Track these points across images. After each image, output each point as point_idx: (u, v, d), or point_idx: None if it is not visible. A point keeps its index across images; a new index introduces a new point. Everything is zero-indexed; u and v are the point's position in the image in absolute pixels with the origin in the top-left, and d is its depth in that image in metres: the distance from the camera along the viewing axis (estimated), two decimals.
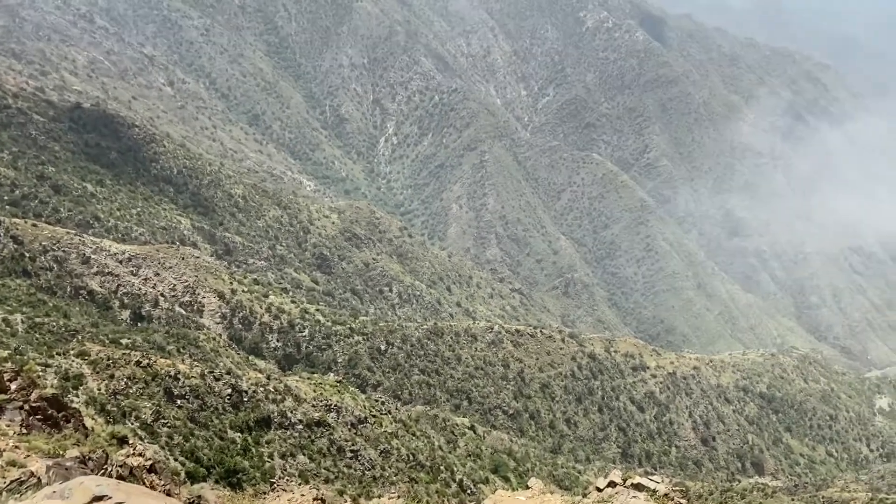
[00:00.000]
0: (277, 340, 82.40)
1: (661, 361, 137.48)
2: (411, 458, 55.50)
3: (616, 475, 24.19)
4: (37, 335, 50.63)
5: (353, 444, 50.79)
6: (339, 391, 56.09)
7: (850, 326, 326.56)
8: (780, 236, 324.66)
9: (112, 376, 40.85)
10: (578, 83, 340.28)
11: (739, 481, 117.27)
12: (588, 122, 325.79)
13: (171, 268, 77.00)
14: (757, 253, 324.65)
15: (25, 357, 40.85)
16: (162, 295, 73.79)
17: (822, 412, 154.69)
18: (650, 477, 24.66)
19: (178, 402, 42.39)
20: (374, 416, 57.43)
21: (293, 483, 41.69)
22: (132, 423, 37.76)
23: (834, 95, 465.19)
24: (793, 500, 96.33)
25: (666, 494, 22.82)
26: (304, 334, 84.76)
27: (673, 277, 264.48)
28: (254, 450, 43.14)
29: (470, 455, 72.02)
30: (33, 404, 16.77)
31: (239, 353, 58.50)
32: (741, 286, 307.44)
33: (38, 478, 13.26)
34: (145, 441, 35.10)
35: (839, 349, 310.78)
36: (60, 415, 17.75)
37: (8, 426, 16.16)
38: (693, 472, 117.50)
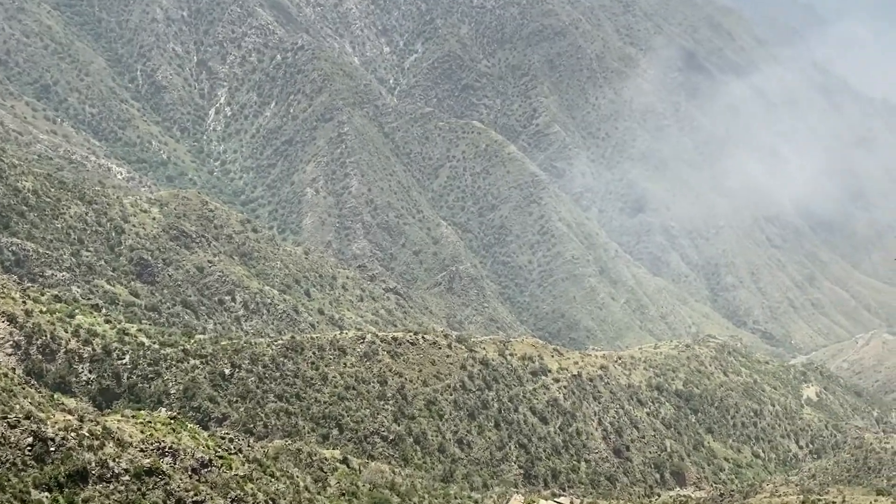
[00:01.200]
0: (90, 371, 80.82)
1: (564, 362, 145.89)
2: None
3: (518, 501, 26.95)
4: None
5: (195, 495, 50.45)
6: (174, 430, 55.37)
7: (770, 308, 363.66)
8: (689, 209, 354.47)
9: None
10: (451, 37, 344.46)
11: (659, 495, 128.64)
12: (465, 84, 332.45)
13: None
14: (664, 230, 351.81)
15: None
16: None
17: (745, 408, 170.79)
18: (557, 500, 27.88)
19: None
20: (220, 457, 56.87)
21: None
22: None
23: (739, 44, 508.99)
24: None
25: None
26: (124, 362, 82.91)
27: (572, 263, 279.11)
28: None
29: (344, 494, 73.32)
30: None
31: (40, 392, 56.15)
32: (649, 269, 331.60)
33: None
34: None
35: (760, 335, 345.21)
36: None
37: None
38: (606, 490, 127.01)
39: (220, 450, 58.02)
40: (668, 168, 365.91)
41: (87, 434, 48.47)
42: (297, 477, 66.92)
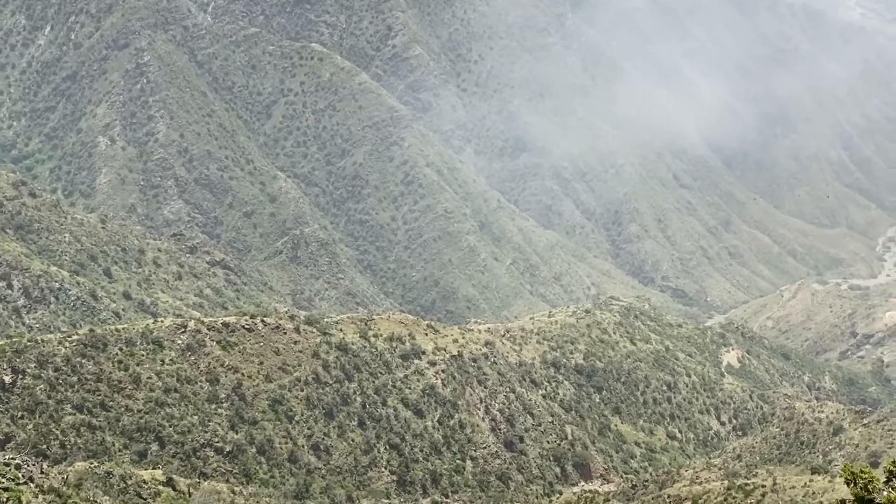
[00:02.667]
0: None
1: (441, 341, 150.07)
2: None
3: None
4: None
5: None
6: None
7: (681, 260, 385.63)
8: (582, 146, 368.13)
9: None
10: None
11: (560, 493, 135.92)
12: None
13: None
14: (554, 172, 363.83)
15: None
16: None
17: (657, 381, 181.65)
18: None
19: None
20: (4, 488, 56.74)
21: None
22: None
23: None
24: None
25: None
26: None
27: (446, 219, 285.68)
28: None
29: None
30: None
31: None
32: (538, 221, 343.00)
33: None
34: None
35: (671, 292, 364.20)
36: None
37: None
38: (498, 491, 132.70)
39: (3, 480, 57.44)
40: (555, 96, 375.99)
41: None
42: None
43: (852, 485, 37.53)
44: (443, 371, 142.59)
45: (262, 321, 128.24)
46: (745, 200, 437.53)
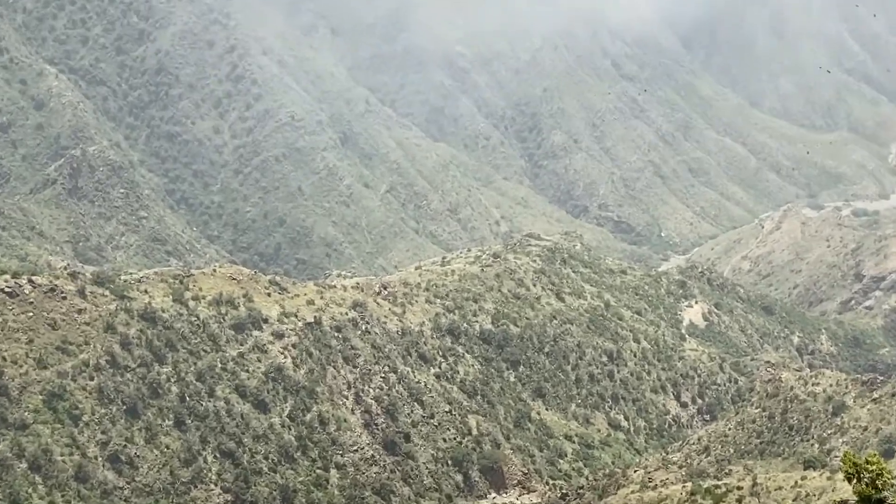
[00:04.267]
0: None
1: (291, 303, 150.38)
2: None
3: None
4: None
5: None
6: None
7: (624, 182, 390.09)
8: (486, 23, 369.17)
9: None
10: None
11: None
12: None
13: None
14: (448, 61, 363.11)
15: None
16: None
17: (594, 351, 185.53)
18: None
19: None
20: None
21: None
22: None
23: None
24: None
25: None
26: None
27: (293, 129, 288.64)
28: None
29: None
30: None
31: None
32: (425, 131, 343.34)
33: None
34: None
35: (611, 226, 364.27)
36: None
37: None
38: None
39: None
40: None
41: None
42: None
43: (855, 480, 37.62)
44: (294, 346, 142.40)
45: (30, 282, 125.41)
46: (712, 96, 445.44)
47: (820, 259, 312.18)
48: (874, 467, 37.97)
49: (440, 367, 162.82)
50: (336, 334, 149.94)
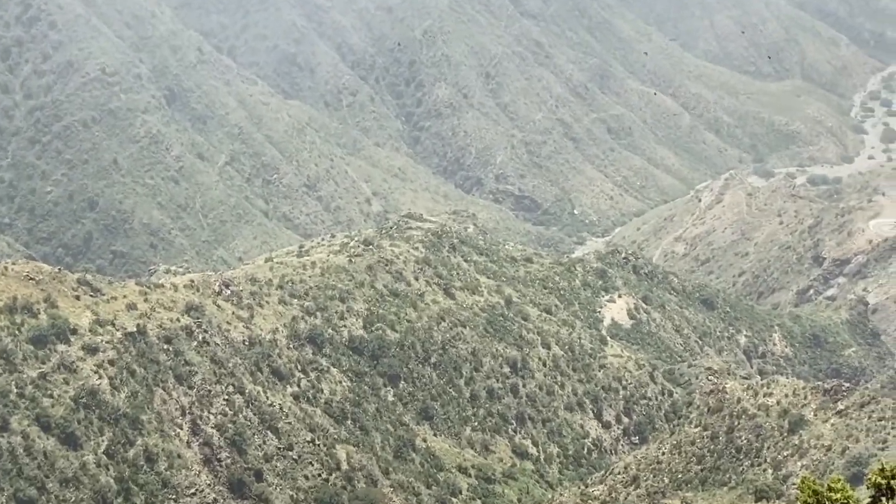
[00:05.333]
0: None
1: (107, 308, 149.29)
2: None
3: None
4: None
5: None
6: None
7: (527, 147, 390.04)
8: None
9: None
10: None
11: None
12: None
13: None
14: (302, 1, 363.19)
15: None
16: None
17: (493, 360, 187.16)
18: None
19: None
20: None
21: None
22: None
23: None
24: None
25: None
26: None
27: (104, 85, 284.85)
28: None
29: None
30: None
31: None
32: (274, 85, 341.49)
33: None
34: None
35: (512, 202, 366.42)
36: None
37: None
38: None
39: None
40: None
41: None
42: None
43: None
44: (111, 363, 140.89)
45: None
46: (634, 37, 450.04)
47: (770, 239, 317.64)
48: (839, 495, 38.16)
49: (299, 386, 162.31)
50: (165, 347, 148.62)
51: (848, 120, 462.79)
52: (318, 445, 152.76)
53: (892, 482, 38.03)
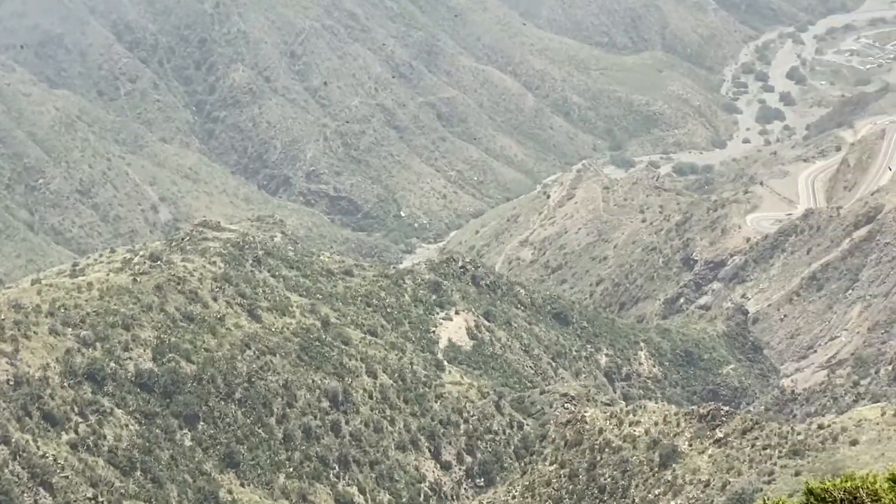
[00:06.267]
0: None
1: None
2: None
3: None
4: None
5: None
6: None
7: (341, 138, 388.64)
8: None
9: None
10: None
11: None
12: None
13: None
14: None
15: None
16: None
17: (308, 393, 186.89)
18: None
19: None
20: None
21: None
22: None
23: None
24: None
25: None
26: None
27: None
28: None
29: None
30: None
31: None
32: (35, 73, 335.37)
33: None
34: None
35: (327, 204, 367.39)
36: None
37: None
38: None
39: None
40: None
41: None
42: None
43: None
44: None
45: None
46: (466, 5, 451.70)
47: (632, 240, 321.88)
48: None
49: (77, 432, 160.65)
50: None
51: (718, 98, 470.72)
52: (102, 503, 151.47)
53: None
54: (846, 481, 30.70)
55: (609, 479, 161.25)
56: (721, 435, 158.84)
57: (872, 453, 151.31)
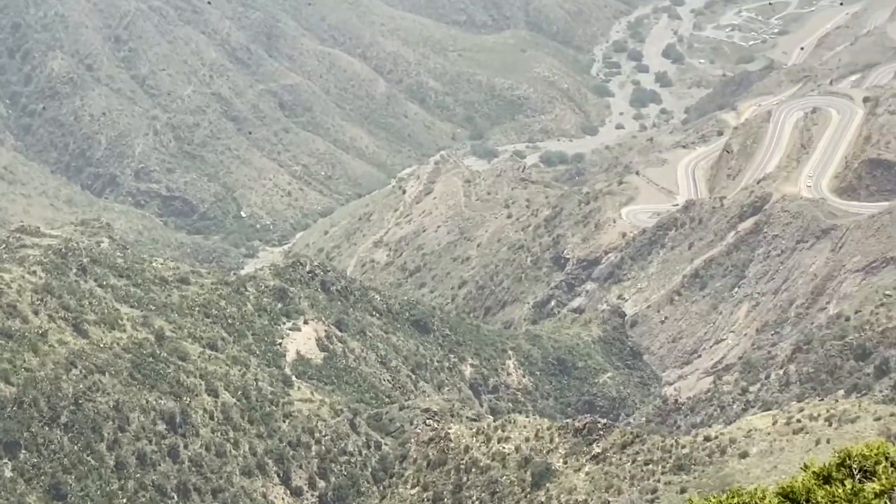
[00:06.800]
0: None
1: None
2: None
3: None
4: None
5: None
6: None
7: (173, 131, 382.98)
8: None
9: None
10: None
11: None
12: None
13: None
14: None
15: None
16: None
17: (142, 415, 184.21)
18: None
19: None
20: None
21: None
22: None
23: None
24: None
25: None
26: None
27: None
28: None
29: None
30: None
31: None
32: None
33: None
34: None
35: (159, 205, 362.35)
36: None
37: None
38: None
39: None
40: None
41: None
42: None
43: None
44: None
45: None
46: None
47: (497, 238, 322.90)
48: None
49: None
50: None
51: (588, 80, 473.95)
52: None
53: None
54: (733, 497, 31.26)
55: (477, 502, 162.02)
56: (598, 450, 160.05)
57: (764, 466, 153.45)
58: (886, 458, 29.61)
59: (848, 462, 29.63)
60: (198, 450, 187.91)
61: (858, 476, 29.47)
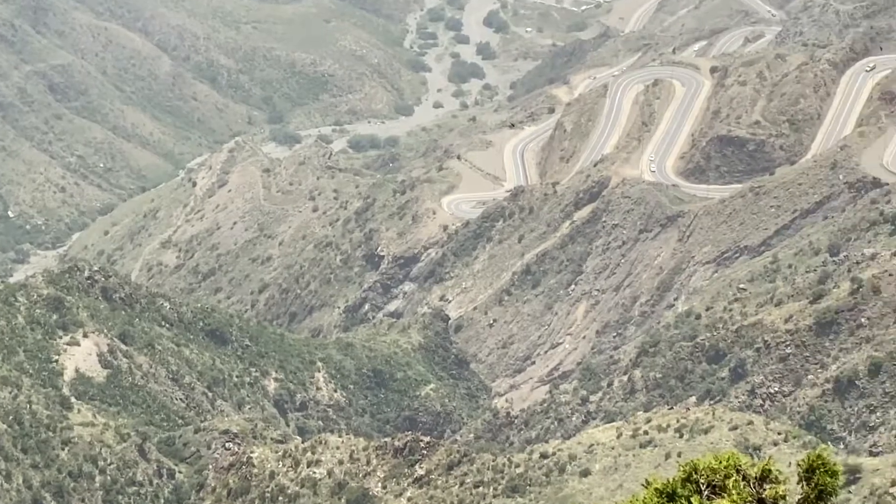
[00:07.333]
0: None
1: None
2: None
3: None
4: None
5: None
6: None
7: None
8: None
9: None
10: None
11: None
12: None
13: None
14: None
15: None
16: None
17: None
18: None
19: None
20: None
21: None
22: None
23: None
24: None
25: None
26: None
27: None
28: None
29: None
30: None
31: None
32: None
33: None
34: None
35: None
36: None
37: None
38: None
39: None
40: None
41: None
42: None
43: None
44: None
45: None
46: None
47: (302, 234, 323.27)
48: None
49: None
50: None
51: (402, 53, 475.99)
52: None
53: None
54: None
55: None
56: (422, 472, 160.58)
57: (608, 485, 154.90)
58: (738, 471, 29.81)
59: (695, 476, 29.83)
60: None
61: (706, 492, 29.66)
